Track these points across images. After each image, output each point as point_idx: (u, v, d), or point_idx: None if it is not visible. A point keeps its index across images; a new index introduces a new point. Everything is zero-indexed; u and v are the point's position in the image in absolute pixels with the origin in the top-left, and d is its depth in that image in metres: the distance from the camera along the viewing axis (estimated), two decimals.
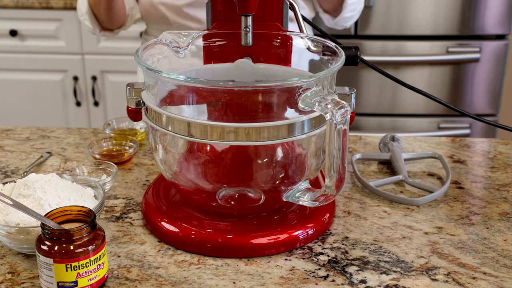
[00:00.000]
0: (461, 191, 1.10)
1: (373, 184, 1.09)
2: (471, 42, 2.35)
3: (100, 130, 1.35)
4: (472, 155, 1.25)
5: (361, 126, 2.47)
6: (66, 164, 1.19)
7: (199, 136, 0.86)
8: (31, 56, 2.69)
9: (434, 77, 2.39)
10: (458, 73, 2.39)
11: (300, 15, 1.11)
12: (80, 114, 2.76)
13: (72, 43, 2.66)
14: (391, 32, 2.36)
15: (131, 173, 1.16)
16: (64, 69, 2.70)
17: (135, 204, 1.04)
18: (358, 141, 1.33)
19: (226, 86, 0.83)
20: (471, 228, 0.98)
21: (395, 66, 2.38)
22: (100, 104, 2.74)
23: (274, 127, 0.85)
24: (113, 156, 1.17)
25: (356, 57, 1.07)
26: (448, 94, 2.42)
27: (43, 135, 1.33)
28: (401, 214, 1.02)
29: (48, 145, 1.28)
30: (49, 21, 2.64)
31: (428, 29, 2.34)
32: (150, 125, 0.93)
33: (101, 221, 0.98)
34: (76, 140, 1.30)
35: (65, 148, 1.26)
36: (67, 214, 0.84)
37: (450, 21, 2.33)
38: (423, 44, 2.36)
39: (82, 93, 2.73)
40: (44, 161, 1.20)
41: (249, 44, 0.98)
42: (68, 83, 2.72)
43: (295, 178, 0.94)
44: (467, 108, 2.44)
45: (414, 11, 2.32)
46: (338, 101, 0.82)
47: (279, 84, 0.83)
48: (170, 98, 0.90)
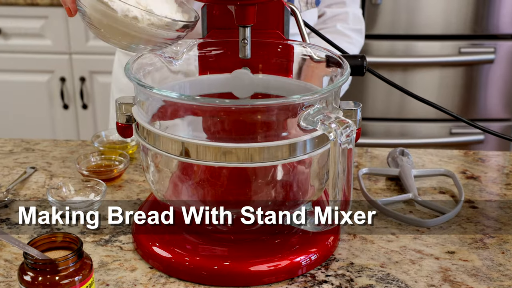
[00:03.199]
0: (475, 211, 1.09)
1: (381, 202, 1.09)
2: (485, 42, 2.35)
3: (89, 142, 1.35)
4: (486, 171, 1.24)
5: (368, 131, 2.46)
6: (52, 180, 1.18)
7: (194, 156, 0.85)
8: (15, 55, 2.68)
9: (446, 80, 2.39)
10: (471, 75, 2.38)
11: (302, 21, 1.10)
12: (68, 118, 2.76)
13: (59, 42, 2.65)
14: (399, 31, 2.35)
15: (121, 190, 1.15)
16: (50, 69, 2.69)
17: (125, 226, 1.04)
18: (365, 154, 1.32)
19: (223, 104, 0.83)
20: (485, 253, 0.97)
21: (403, 67, 2.38)
22: (89, 107, 2.73)
23: (275, 147, 0.84)
24: (101, 173, 1.16)
25: (362, 67, 1.06)
26: (461, 98, 2.42)
27: (27, 147, 1.33)
28: (410, 237, 1.01)
29: (32, 159, 1.27)
30: (35, 19, 2.63)
31: (439, 28, 2.34)
32: (141, 143, 0.92)
33: (89, 245, 0.98)
34: (62, 154, 1.29)
35: (51, 163, 1.25)
36: (52, 242, 0.83)
37: (463, 19, 2.32)
38: (433, 44, 2.35)
39: (70, 95, 2.72)
40: (28, 177, 1.19)
41: (247, 57, 0.97)
42: (55, 85, 2.71)
43: (296, 199, 0.93)
44: (480, 112, 2.43)
45: (424, 9, 2.31)
46: (342, 120, 0.81)
47: (279, 102, 0.83)
48: (162, 115, 0.89)
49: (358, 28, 1.56)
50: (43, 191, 1.14)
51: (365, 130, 2.47)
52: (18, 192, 1.14)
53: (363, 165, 1.26)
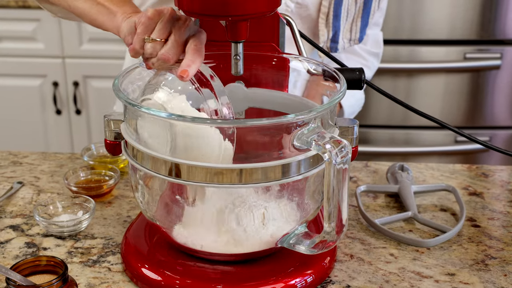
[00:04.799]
0: (477, 230, 1.09)
1: (379, 222, 1.08)
2: (491, 48, 2.34)
3: (78, 155, 1.34)
4: (489, 186, 1.24)
5: (371, 139, 2.46)
6: (40, 196, 1.18)
7: (184, 177, 0.85)
8: (7, 59, 2.68)
9: (451, 86, 2.38)
10: (477, 81, 2.38)
11: (298, 33, 1.10)
12: (61, 124, 2.76)
13: (52, 46, 2.65)
14: (403, 36, 2.35)
15: (110, 207, 1.15)
16: (42, 73, 2.69)
17: (115, 245, 1.04)
18: (364, 168, 1.32)
19: (214, 124, 0.82)
20: (487, 275, 0.97)
21: (408, 73, 2.37)
22: (83, 112, 2.73)
23: (268, 168, 0.84)
24: (91, 188, 1.16)
25: (360, 80, 1.06)
26: (466, 105, 2.41)
27: (15, 161, 1.32)
28: (409, 258, 1.01)
29: (20, 173, 1.27)
30: (26, 21, 2.63)
31: (444, 33, 2.33)
32: (130, 162, 0.92)
33: (76, 266, 0.98)
34: (51, 168, 1.29)
35: (39, 177, 1.25)
36: (36, 266, 0.83)
37: (468, 24, 2.32)
38: (438, 49, 2.35)
39: (63, 100, 2.72)
40: (15, 193, 1.19)
41: (239, 74, 0.97)
42: (47, 89, 2.71)
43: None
44: (487, 120, 2.43)
45: (428, 13, 2.31)
46: (337, 140, 0.81)
47: (272, 122, 0.82)
48: None
49: (376, 52, 1.55)
50: (30, 208, 1.14)
51: (368, 137, 2.47)
52: (4, 208, 1.14)
53: (362, 180, 1.26)
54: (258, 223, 0.90)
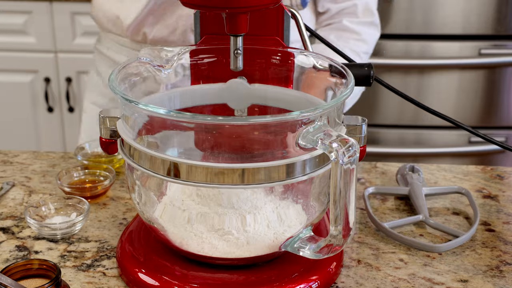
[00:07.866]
0: (491, 234, 1.10)
1: (388, 225, 1.09)
2: (507, 43, 2.35)
3: (71, 154, 1.35)
4: (505, 189, 1.24)
5: (381, 139, 2.47)
6: (31, 197, 1.19)
7: (185, 177, 0.85)
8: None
9: (465, 83, 2.39)
10: (492, 78, 2.39)
11: (303, 26, 1.11)
12: (53, 122, 2.77)
13: (44, 39, 2.66)
14: (415, 31, 2.35)
15: (105, 209, 1.16)
16: (34, 69, 2.70)
17: (110, 249, 1.04)
18: (372, 169, 1.32)
19: (215, 122, 0.83)
20: (501, 282, 0.97)
21: (419, 70, 2.38)
22: (76, 110, 2.74)
23: (272, 167, 0.85)
24: (85, 189, 1.17)
25: (369, 77, 1.07)
26: (481, 103, 2.42)
27: (5, 160, 1.33)
28: (420, 264, 1.01)
29: (10, 173, 1.27)
30: (17, 14, 2.64)
31: (458, 27, 2.34)
32: (126, 162, 0.93)
33: (69, 270, 0.98)
34: (43, 167, 1.30)
35: (30, 177, 1.26)
36: (27, 269, 0.84)
37: (484, 18, 2.32)
38: (452, 45, 2.35)
39: (55, 97, 2.74)
40: (5, 193, 1.20)
41: (239, 69, 0.98)
42: (39, 86, 2.72)
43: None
44: (503, 119, 2.43)
45: (441, 7, 2.31)
46: (344, 139, 0.81)
47: (276, 120, 0.83)
48: (149, 131, 0.90)
49: (369, 20, 1.52)
50: (21, 209, 1.15)
51: (378, 138, 2.47)
52: None
53: (370, 182, 1.27)
54: (260, 226, 0.90)
